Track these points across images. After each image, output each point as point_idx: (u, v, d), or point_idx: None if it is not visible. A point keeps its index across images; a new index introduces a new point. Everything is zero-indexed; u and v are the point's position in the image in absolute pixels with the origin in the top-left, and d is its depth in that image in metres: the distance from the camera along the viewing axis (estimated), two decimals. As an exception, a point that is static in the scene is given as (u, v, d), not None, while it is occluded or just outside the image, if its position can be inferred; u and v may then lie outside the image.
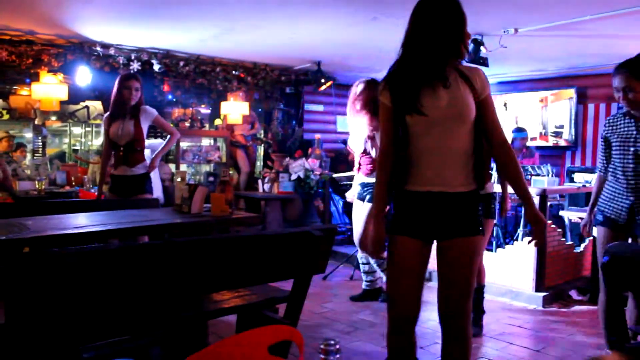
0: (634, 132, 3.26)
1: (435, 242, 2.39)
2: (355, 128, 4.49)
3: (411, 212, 2.35)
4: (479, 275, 4.21)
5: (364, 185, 4.57)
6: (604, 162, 3.49)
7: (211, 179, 6.96)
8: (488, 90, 2.33)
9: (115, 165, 4.70)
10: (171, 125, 4.96)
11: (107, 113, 4.73)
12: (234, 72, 7.18)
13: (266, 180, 7.32)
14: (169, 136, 4.81)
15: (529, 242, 2.41)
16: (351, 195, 4.82)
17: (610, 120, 3.44)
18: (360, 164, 4.57)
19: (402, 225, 2.35)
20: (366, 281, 4.96)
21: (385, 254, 2.45)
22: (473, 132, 2.32)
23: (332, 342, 0.92)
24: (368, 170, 4.48)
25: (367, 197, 4.47)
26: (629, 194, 3.28)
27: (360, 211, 4.56)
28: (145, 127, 4.65)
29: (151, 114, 4.66)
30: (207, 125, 8.47)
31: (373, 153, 4.39)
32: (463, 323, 2.38)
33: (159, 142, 6.01)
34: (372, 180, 4.43)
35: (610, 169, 3.41)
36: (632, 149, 3.25)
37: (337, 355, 0.91)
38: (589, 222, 3.63)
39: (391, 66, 2.37)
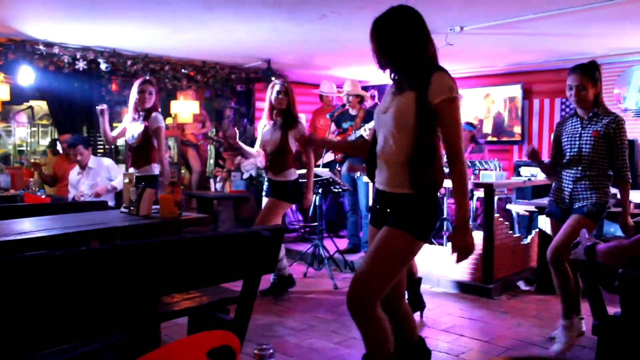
0: (579, 129, 3.65)
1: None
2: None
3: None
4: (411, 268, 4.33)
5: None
6: (554, 157, 3.88)
7: (161, 179, 6.87)
8: (443, 97, 2.30)
9: (126, 166, 4.95)
10: (165, 147, 5.04)
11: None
12: (183, 70, 7.10)
13: (218, 179, 7.27)
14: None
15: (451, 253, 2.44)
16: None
17: (560, 123, 3.87)
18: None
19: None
20: (273, 277, 5.01)
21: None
22: (415, 138, 2.35)
23: (266, 346, 0.93)
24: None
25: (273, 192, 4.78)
26: (570, 183, 3.68)
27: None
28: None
29: (154, 121, 4.82)
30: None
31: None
32: (354, 307, 2.41)
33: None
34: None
35: (561, 164, 3.76)
36: (577, 142, 3.64)
37: (272, 359, 0.93)
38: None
39: None
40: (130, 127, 4.90)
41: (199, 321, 2.93)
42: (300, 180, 4.86)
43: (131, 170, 4.88)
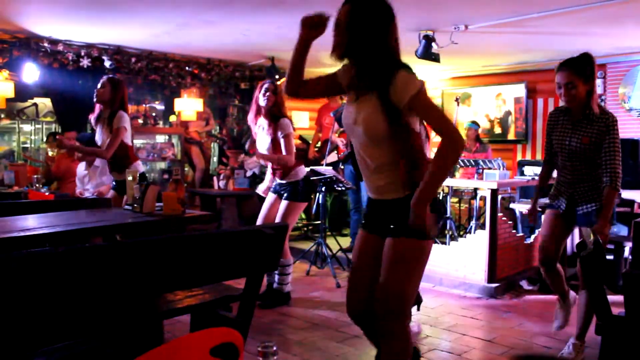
0: (569, 129, 3.42)
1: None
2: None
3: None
4: None
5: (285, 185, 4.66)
6: (549, 154, 3.68)
7: (165, 176, 6.88)
8: (411, 93, 2.17)
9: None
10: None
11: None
12: (187, 68, 7.10)
13: (221, 177, 7.27)
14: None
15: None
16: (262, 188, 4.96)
17: (554, 115, 3.59)
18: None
19: None
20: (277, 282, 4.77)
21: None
22: (393, 141, 2.26)
23: (270, 343, 0.93)
24: (280, 174, 4.63)
25: (285, 194, 4.64)
26: (567, 186, 3.50)
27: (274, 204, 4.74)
28: None
29: (117, 121, 4.59)
30: (161, 122, 8.35)
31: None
32: (388, 323, 2.34)
33: None
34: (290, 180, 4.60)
35: (557, 164, 3.61)
36: (566, 147, 3.42)
37: (275, 357, 0.92)
38: (534, 210, 3.81)
39: None
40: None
41: (202, 319, 2.93)
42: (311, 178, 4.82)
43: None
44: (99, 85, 4.60)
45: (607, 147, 3.29)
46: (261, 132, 4.61)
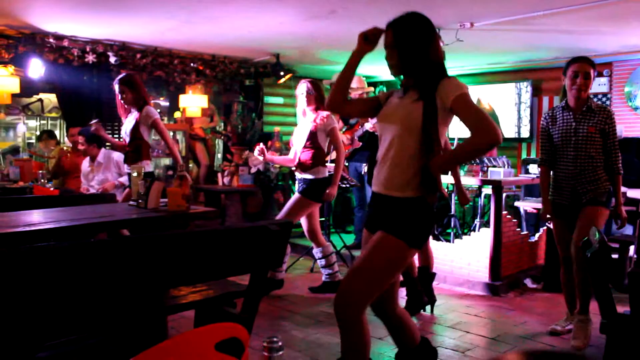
0: (573, 124, 3.64)
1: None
2: (303, 124, 4.78)
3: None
4: (428, 261, 4.51)
5: (303, 181, 4.71)
6: (548, 152, 3.83)
7: (170, 172, 6.89)
8: (457, 94, 2.35)
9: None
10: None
11: None
12: (192, 64, 7.10)
13: (226, 173, 7.27)
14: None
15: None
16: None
17: (550, 114, 3.80)
18: (299, 159, 4.70)
19: None
20: (326, 274, 5.00)
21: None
22: (420, 143, 2.38)
23: (275, 338, 0.93)
24: (307, 165, 4.66)
25: (300, 188, 4.72)
26: (568, 179, 3.68)
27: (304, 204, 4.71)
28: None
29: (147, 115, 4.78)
30: (165, 119, 8.36)
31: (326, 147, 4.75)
32: (344, 312, 2.39)
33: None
34: (308, 176, 4.64)
35: (556, 159, 3.77)
36: (572, 138, 3.64)
37: (280, 352, 0.92)
38: (550, 212, 3.87)
39: None
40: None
41: (206, 314, 2.93)
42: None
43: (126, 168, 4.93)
44: (117, 91, 4.73)
45: (612, 135, 3.61)
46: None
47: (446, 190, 6.80)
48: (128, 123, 4.80)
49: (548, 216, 3.87)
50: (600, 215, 3.62)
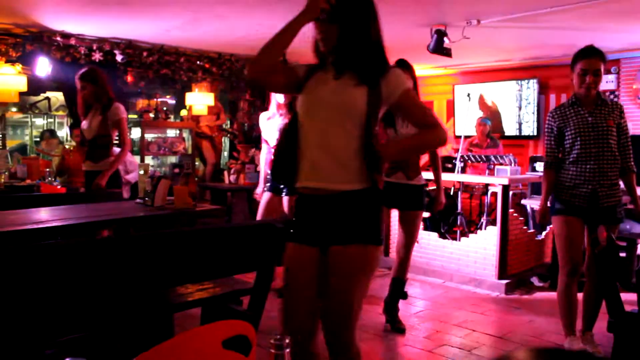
0: (589, 119, 3.37)
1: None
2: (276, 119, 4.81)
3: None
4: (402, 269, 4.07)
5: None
6: (556, 154, 3.56)
7: (176, 170, 6.91)
8: (402, 89, 2.14)
9: None
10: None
11: None
12: (198, 62, 7.10)
13: (232, 171, 7.28)
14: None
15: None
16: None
17: (559, 112, 3.52)
18: None
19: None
20: None
21: None
22: (363, 131, 2.11)
23: (282, 336, 0.93)
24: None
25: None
26: (589, 179, 3.36)
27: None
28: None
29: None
30: (172, 117, 8.38)
31: None
32: (344, 336, 2.18)
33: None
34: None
35: (571, 158, 3.44)
36: (590, 134, 3.36)
37: (287, 350, 0.92)
38: (547, 212, 3.64)
39: None
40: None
41: (213, 312, 2.94)
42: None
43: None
44: (79, 87, 4.58)
45: (625, 130, 3.43)
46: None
47: (452, 188, 6.80)
48: (93, 119, 4.60)
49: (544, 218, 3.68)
50: (614, 231, 3.36)
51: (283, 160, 2.24)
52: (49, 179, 5.91)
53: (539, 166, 5.97)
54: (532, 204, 6.08)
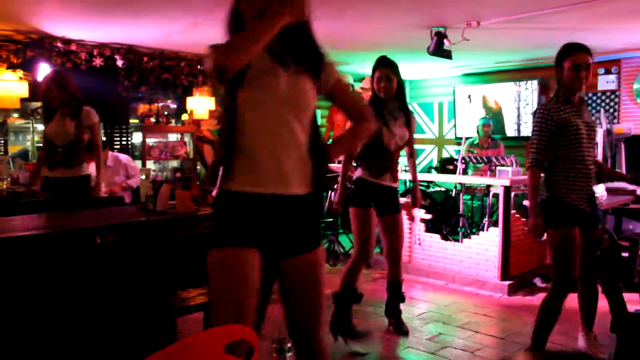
0: (579, 115, 3.20)
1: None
2: None
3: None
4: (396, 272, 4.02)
5: None
6: (547, 151, 3.21)
7: (178, 174, 6.91)
8: (336, 77, 2.08)
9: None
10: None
11: None
12: (199, 66, 7.12)
13: (234, 175, 7.27)
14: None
15: None
16: None
17: (555, 108, 3.20)
18: None
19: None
20: None
21: None
22: (311, 127, 2.01)
23: (285, 340, 0.93)
24: None
25: None
26: (585, 182, 3.18)
27: None
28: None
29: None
30: (173, 121, 8.39)
31: None
32: (319, 334, 2.14)
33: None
34: None
35: (572, 158, 3.18)
36: (587, 132, 3.19)
37: (290, 354, 0.93)
38: (540, 224, 3.27)
39: None
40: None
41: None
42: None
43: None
44: (45, 89, 4.51)
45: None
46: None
47: (454, 189, 6.80)
48: (65, 124, 4.49)
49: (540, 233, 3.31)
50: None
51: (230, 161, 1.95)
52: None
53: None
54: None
